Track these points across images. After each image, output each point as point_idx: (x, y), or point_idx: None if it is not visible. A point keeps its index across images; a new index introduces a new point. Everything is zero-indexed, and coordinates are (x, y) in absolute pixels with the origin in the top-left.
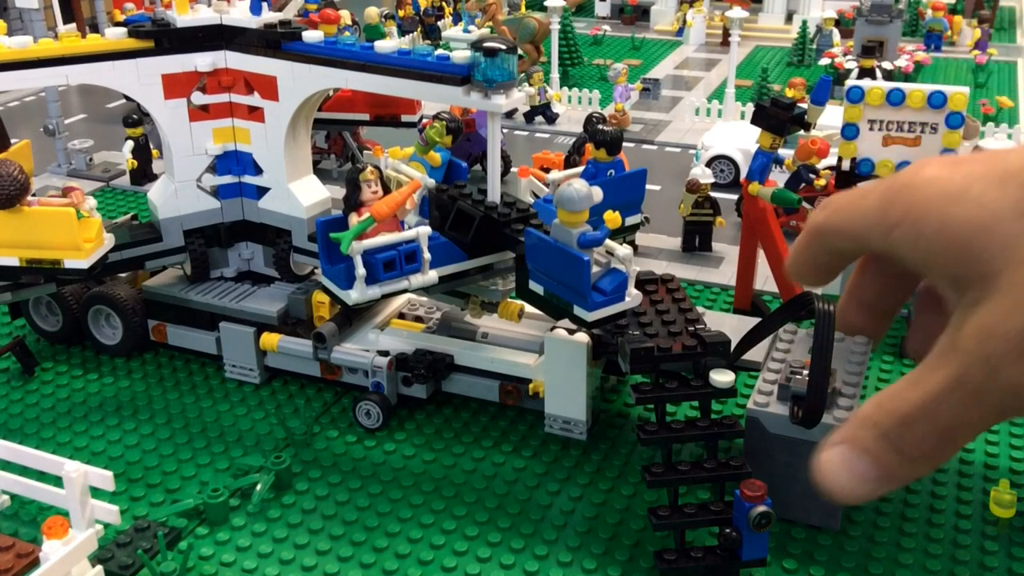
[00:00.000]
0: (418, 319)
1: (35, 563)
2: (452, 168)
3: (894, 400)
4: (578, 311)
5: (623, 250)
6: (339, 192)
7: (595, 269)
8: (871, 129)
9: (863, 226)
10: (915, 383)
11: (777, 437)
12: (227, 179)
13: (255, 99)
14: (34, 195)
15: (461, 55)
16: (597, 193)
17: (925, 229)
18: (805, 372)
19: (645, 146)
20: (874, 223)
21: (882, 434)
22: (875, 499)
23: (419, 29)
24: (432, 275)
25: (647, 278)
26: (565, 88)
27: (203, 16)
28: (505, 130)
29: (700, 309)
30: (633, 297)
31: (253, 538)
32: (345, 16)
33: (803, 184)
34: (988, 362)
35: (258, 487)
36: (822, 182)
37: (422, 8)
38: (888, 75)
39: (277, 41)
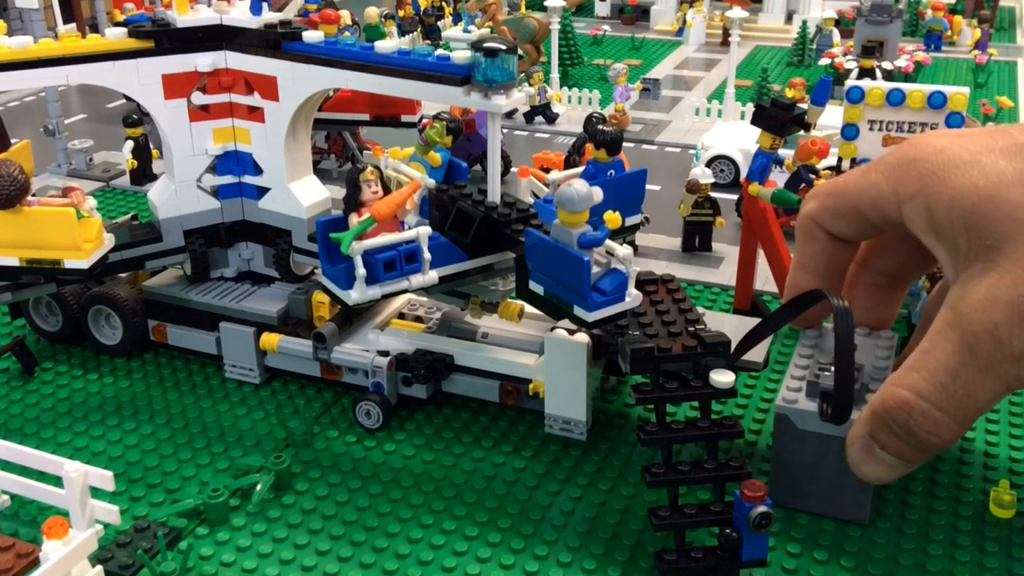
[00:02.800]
0: (418, 319)
1: (35, 563)
2: (452, 168)
3: (902, 385)
4: (578, 311)
5: (623, 250)
6: (339, 192)
7: (595, 269)
8: (871, 129)
9: (874, 198)
10: (919, 366)
11: (806, 433)
12: (227, 179)
13: (255, 99)
14: (34, 195)
15: (461, 55)
16: (597, 193)
17: (938, 201)
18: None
19: (645, 146)
20: (887, 195)
21: (894, 428)
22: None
23: (419, 29)
24: (432, 275)
25: (647, 278)
26: (565, 88)
27: (203, 16)
28: (505, 130)
29: (700, 309)
30: (633, 297)
31: (253, 538)
32: (345, 16)
33: (803, 184)
34: (996, 332)
35: (258, 487)
36: (822, 182)
37: (422, 8)
38: (888, 75)
39: (277, 41)
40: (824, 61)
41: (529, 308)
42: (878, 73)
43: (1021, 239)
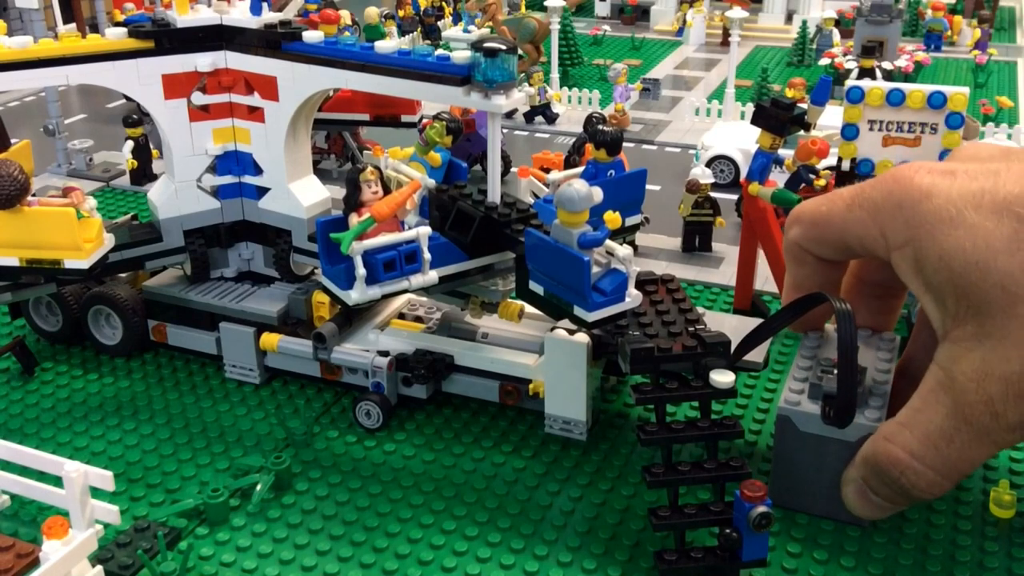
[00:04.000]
0: (418, 319)
1: (35, 563)
2: (452, 168)
3: (895, 443)
4: (578, 311)
5: (623, 250)
6: (339, 192)
7: (595, 269)
8: (871, 129)
9: (861, 237)
10: (912, 424)
11: (808, 435)
12: (227, 179)
13: (255, 99)
14: (34, 195)
15: (461, 55)
16: (597, 193)
17: (926, 258)
18: (836, 371)
19: (645, 146)
20: (875, 236)
21: (886, 481)
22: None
23: (419, 29)
24: (432, 275)
25: (647, 278)
26: (565, 88)
27: (203, 16)
28: (505, 130)
29: (700, 309)
30: (633, 297)
31: (253, 538)
32: (345, 16)
33: (803, 184)
34: (991, 405)
35: (258, 487)
36: (822, 182)
37: (422, 8)
38: (888, 75)
39: (277, 41)
40: (824, 61)
41: (529, 308)
42: (878, 73)
43: (1011, 312)
